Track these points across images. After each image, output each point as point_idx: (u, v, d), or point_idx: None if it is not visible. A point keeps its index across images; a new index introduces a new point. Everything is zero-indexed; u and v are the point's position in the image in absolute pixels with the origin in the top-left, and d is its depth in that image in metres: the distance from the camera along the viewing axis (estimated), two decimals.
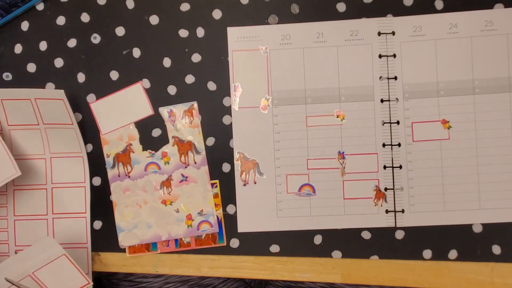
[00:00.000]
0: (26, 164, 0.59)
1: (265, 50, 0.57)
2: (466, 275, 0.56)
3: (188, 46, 0.58)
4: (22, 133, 0.58)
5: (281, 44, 0.57)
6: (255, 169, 0.57)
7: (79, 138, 0.57)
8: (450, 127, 0.56)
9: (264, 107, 0.57)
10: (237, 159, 0.58)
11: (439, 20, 0.56)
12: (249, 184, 0.57)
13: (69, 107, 0.55)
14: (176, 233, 0.58)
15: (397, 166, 0.57)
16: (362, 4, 0.57)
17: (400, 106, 0.56)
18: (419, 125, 0.56)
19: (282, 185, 0.57)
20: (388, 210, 0.56)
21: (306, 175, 0.57)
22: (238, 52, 0.57)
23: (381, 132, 0.57)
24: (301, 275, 0.58)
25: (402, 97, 0.56)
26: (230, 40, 0.57)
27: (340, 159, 0.57)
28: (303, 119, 0.57)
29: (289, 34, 0.57)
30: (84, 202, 0.58)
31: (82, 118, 0.59)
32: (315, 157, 0.57)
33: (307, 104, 0.57)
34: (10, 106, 0.57)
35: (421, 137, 0.56)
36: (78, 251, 0.58)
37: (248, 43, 0.57)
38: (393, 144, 0.56)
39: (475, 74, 0.56)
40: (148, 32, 0.59)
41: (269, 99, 0.57)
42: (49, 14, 0.60)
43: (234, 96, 0.57)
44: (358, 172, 0.57)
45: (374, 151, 0.57)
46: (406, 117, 0.56)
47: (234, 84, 0.57)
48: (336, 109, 0.57)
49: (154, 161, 0.58)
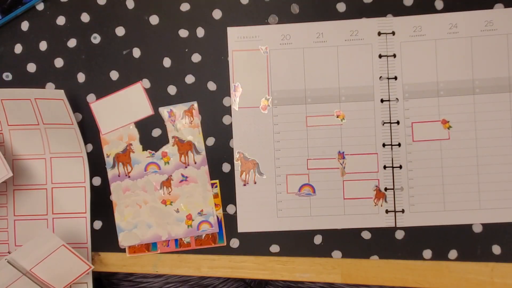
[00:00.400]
0: (26, 164, 0.59)
1: (265, 50, 0.57)
2: (466, 275, 0.56)
3: (188, 46, 0.58)
4: (22, 134, 0.58)
5: (281, 44, 0.57)
6: (255, 169, 0.57)
7: (79, 138, 0.57)
8: (450, 127, 0.56)
9: (264, 107, 0.57)
10: (237, 159, 0.58)
11: (439, 20, 0.56)
12: (249, 184, 0.57)
13: (69, 107, 0.55)
14: (176, 233, 0.58)
15: (397, 166, 0.57)
16: (362, 4, 0.57)
17: (400, 106, 0.56)
18: (419, 125, 0.56)
19: (282, 185, 0.57)
20: (388, 210, 0.56)
21: (306, 175, 0.57)
22: (238, 52, 0.57)
23: (381, 132, 0.57)
24: (301, 275, 0.58)
25: (402, 97, 0.56)
26: (230, 40, 0.57)
27: (340, 159, 0.57)
28: (303, 119, 0.57)
29: (289, 34, 0.57)
30: (84, 202, 0.58)
31: (82, 118, 0.59)
32: (315, 157, 0.57)
33: (307, 104, 0.57)
34: (10, 106, 0.57)
35: (421, 137, 0.56)
36: (78, 251, 0.58)
37: (248, 43, 0.57)
38: (393, 144, 0.56)
39: (475, 74, 0.56)
40: (148, 32, 0.59)
41: (269, 99, 0.57)
42: (49, 14, 0.60)
43: (234, 96, 0.57)
44: (358, 172, 0.57)
45: (374, 151, 0.57)
46: (406, 117, 0.56)
47: (234, 84, 0.57)
48: (336, 109, 0.57)
49: (154, 161, 0.58)
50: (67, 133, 0.57)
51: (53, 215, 0.59)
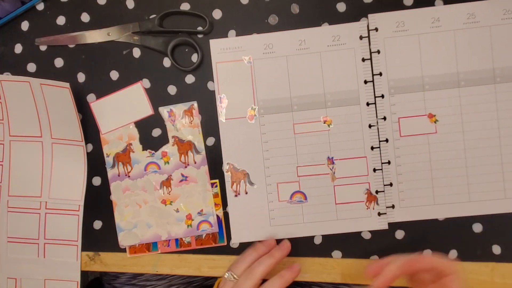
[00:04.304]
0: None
1: (249, 60, 0.57)
2: (466, 275, 0.56)
3: (188, 46, 0.58)
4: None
5: (264, 54, 0.57)
6: (246, 179, 0.57)
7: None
8: (437, 121, 0.56)
9: (251, 117, 0.57)
10: (227, 170, 0.57)
11: (422, 14, 0.55)
12: (240, 194, 0.57)
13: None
14: (176, 233, 0.58)
15: (386, 162, 0.56)
16: (362, 4, 0.57)
17: (386, 102, 0.56)
18: (406, 120, 0.56)
19: (273, 193, 0.57)
20: (380, 213, 0.56)
21: (297, 182, 0.57)
22: (221, 64, 0.57)
23: (368, 135, 0.56)
24: (301, 275, 0.58)
25: (388, 92, 0.56)
26: (213, 52, 0.57)
27: (330, 165, 0.57)
28: (291, 126, 0.57)
29: (271, 43, 0.57)
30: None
31: (82, 118, 0.59)
32: (305, 164, 0.57)
33: (294, 112, 0.57)
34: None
35: (409, 132, 0.56)
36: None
37: (231, 54, 0.57)
38: (381, 140, 0.56)
39: (460, 67, 0.55)
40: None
41: (255, 108, 0.57)
42: (49, 14, 0.60)
43: (221, 108, 0.57)
44: (348, 177, 0.57)
45: (363, 154, 0.57)
46: (392, 112, 0.56)
47: (219, 96, 0.57)
48: (323, 115, 0.57)
49: (154, 161, 0.58)
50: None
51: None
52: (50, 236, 0.59)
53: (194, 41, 0.57)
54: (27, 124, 0.58)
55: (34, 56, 0.60)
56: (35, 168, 0.59)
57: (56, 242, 0.59)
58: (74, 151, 0.58)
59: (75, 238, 0.59)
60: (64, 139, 0.58)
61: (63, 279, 0.59)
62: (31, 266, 0.60)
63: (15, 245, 0.60)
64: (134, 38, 0.58)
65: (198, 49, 0.57)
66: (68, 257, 0.59)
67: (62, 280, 0.59)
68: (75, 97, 0.56)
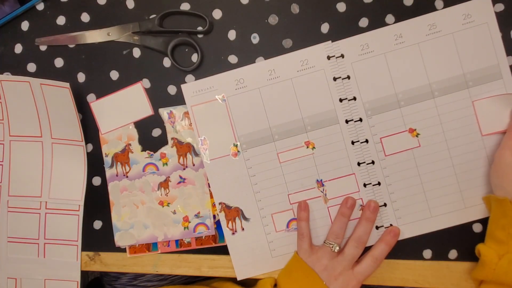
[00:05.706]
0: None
1: (222, 98, 0.57)
2: (466, 275, 0.56)
3: (188, 46, 0.58)
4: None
5: (237, 89, 0.57)
6: (240, 216, 0.57)
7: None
8: (419, 134, 0.56)
9: (235, 154, 0.57)
10: (220, 210, 0.57)
11: (384, 33, 0.55)
12: (237, 232, 0.57)
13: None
14: (172, 235, 0.58)
15: (376, 183, 0.56)
16: (362, 4, 0.56)
17: (365, 125, 0.56)
18: (388, 139, 0.56)
19: (269, 225, 0.57)
20: (377, 226, 0.56)
21: (291, 210, 0.57)
22: (197, 107, 0.57)
23: (353, 151, 0.56)
24: None
25: (365, 115, 0.56)
26: (187, 96, 0.57)
27: (320, 187, 0.57)
28: (275, 156, 0.57)
29: (242, 78, 0.57)
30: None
31: (82, 118, 0.59)
32: (296, 191, 0.57)
33: (276, 141, 0.57)
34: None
35: (393, 150, 0.56)
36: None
37: (204, 96, 0.57)
38: (367, 163, 0.56)
39: (431, 78, 0.55)
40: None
41: (237, 144, 0.57)
42: (49, 14, 0.60)
43: (204, 150, 0.57)
44: (340, 196, 0.57)
45: (351, 171, 0.56)
46: (373, 134, 0.56)
47: (200, 138, 0.57)
48: (305, 139, 0.57)
49: (152, 162, 0.58)
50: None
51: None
52: (50, 236, 0.59)
53: (194, 41, 0.57)
54: (27, 124, 0.58)
55: (34, 56, 0.60)
56: (35, 168, 0.59)
57: (56, 242, 0.59)
58: (74, 151, 0.58)
59: (75, 238, 0.59)
60: (64, 139, 0.58)
61: (63, 279, 0.60)
62: (31, 266, 0.60)
63: (15, 245, 0.60)
64: (134, 38, 0.58)
65: (198, 49, 0.57)
66: (68, 257, 0.59)
67: (62, 280, 0.60)
68: (75, 97, 0.56)
